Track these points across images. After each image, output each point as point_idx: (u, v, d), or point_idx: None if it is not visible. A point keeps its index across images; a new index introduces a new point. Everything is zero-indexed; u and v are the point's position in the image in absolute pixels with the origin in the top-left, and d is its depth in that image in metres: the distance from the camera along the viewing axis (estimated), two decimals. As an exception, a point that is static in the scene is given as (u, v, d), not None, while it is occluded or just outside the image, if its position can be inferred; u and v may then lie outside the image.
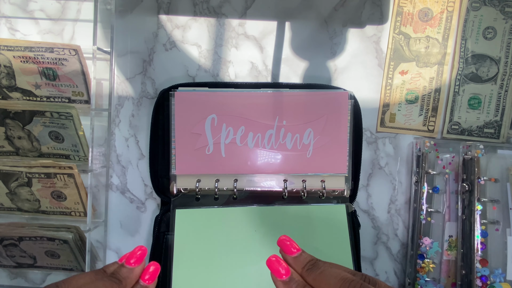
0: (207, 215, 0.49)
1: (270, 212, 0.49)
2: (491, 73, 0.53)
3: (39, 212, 0.52)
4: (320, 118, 0.50)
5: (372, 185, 0.55)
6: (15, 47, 0.47)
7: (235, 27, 0.54)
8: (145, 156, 0.55)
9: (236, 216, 0.49)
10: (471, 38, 0.53)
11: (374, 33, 0.54)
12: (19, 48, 0.47)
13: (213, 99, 0.50)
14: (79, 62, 0.48)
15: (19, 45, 0.47)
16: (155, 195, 0.55)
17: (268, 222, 0.49)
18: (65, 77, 0.50)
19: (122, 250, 0.56)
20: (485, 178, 0.50)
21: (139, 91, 0.55)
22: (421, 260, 0.52)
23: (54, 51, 0.47)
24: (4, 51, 0.48)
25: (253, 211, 0.49)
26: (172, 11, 0.54)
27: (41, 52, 0.47)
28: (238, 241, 0.47)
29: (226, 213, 0.49)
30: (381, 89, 0.55)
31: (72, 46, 0.47)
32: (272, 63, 0.55)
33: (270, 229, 0.48)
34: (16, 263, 0.54)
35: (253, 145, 0.50)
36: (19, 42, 0.47)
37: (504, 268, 0.49)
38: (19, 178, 0.50)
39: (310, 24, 0.54)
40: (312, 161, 0.50)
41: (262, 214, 0.49)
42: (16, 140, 0.50)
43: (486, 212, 0.49)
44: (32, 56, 0.48)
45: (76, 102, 0.51)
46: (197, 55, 0.55)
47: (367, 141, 0.55)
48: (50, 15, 0.54)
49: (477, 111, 0.54)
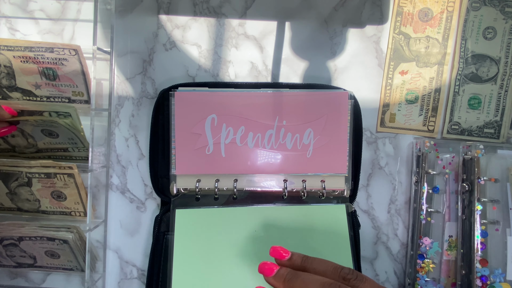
0: (207, 215, 0.49)
1: (270, 212, 0.49)
2: (491, 73, 0.53)
3: (39, 212, 0.52)
4: (320, 118, 0.50)
5: (372, 185, 0.55)
6: (15, 47, 0.47)
7: (235, 27, 0.54)
8: (145, 156, 0.55)
9: (236, 216, 0.49)
10: (471, 38, 0.53)
11: (374, 33, 0.54)
12: (19, 48, 0.47)
13: (213, 99, 0.50)
14: (79, 62, 0.48)
15: (19, 45, 0.47)
16: (155, 195, 0.55)
17: (268, 222, 0.49)
18: (65, 77, 0.50)
19: (122, 250, 0.56)
20: (485, 178, 0.50)
21: (139, 91, 0.55)
22: (421, 260, 0.52)
23: (54, 51, 0.47)
24: (4, 51, 0.48)
25: (253, 211, 0.49)
26: (172, 11, 0.54)
27: (41, 52, 0.47)
28: (238, 241, 0.47)
29: (226, 213, 0.49)
30: (381, 89, 0.55)
31: (72, 46, 0.47)
32: (272, 63, 0.55)
33: (270, 229, 0.48)
34: (16, 263, 0.54)
35: (253, 145, 0.50)
36: (19, 42, 0.47)
37: (504, 268, 0.49)
38: (19, 178, 0.50)
39: (310, 24, 0.54)
40: (312, 161, 0.50)
41: (262, 214, 0.49)
42: (10, 139, 0.50)
43: (486, 212, 0.49)
44: (32, 56, 0.48)
45: (76, 102, 0.51)
46: (197, 55, 0.55)
47: (367, 141, 0.55)
48: (50, 15, 0.54)
49: (477, 111, 0.54)
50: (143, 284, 0.56)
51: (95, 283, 0.55)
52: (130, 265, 0.56)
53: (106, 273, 0.56)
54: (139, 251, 0.56)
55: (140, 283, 0.56)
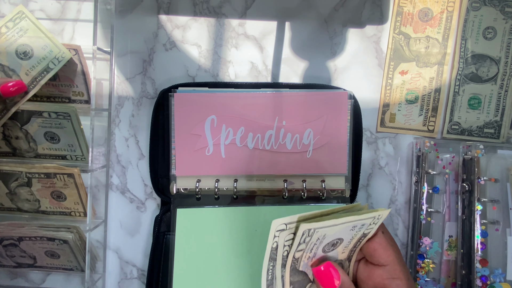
0: (208, 214, 0.49)
1: (270, 212, 0.49)
2: (491, 73, 0.53)
3: (39, 212, 0.52)
4: (320, 118, 0.50)
5: (372, 185, 0.56)
6: (15, 47, 0.47)
7: (235, 27, 0.54)
8: (145, 156, 0.55)
9: (237, 215, 0.49)
10: (471, 38, 0.53)
11: (374, 33, 0.54)
12: (19, 48, 0.47)
13: (213, 100, 0.50)
14: (79, 62, 0.48)
15: (19, 45, 0.47)
16: (155, 195, 0.55)
17: (268, 221, 0.48)
18: (65, 77, 0.50)
19: (122, 250, 0.56)
20: (485, 178, 0.50)
21: (139, 91, 0.55)
22: (421, 260, 0.52)
23: (54, 51, 0.47)
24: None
25: (253, 211, 0.49)
26: (172, 11, 0.54)
27: (41, 52, 0.47)
28: (239, 240, 0.47)
29: (227, 213, 0.49)
30: (381, 89, 0.55)
31: (72, 46, 0.47)
32: (272, 63, 0.55)
33: None
34: (16, 263, 0.54)
35: (253, 145, 0.50)
36: (19, 42, 0.47)
37: (504, 268, 0.49)
38: (19, 178, 0.50)
39: (310, 24, 0.54)
40: (312, 161, 0.50)
41: (262, 214, 0.49)
42: (14, 140, 0.50)
43: (486, 212, 0.49)
44: (32, 56, 0.48)
45: (76, 102, 0.51)
46: (197, 55, 0.55)
47: (367, 141, 0.55)
48: (50, 15, 0.54)
49: (477, 111, 0.54)
50: (143, 284, 0.56)
51: (95, 283, 0.55)
52: (130, 265, 0.56)
53: (106, 273, 0.56)
54: (139, 251, 0.56)
55: (140, 283, 0.56)
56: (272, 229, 0.23)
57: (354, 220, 0.24)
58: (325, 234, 0.25)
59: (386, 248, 0.28)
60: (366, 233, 0.27)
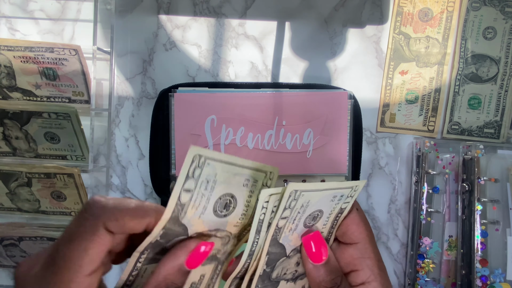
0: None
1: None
2: (491, 73, 0.53)
3: (39, 212, 0.52)
4: (320, 118, 0.50)
5: (372, 185, 0.55)
6: (15, 47, 0.47)
7: (235, 27, 0.54)
8: (145, 156, 0.55)
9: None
10: (471, 38, 0.53)
11: (374, 33, 0.54)
12: (19, 48, 0.47)
13: (213, 100, 0.50)
14: (79, 62, 0.48)
15: (19, 45, 0.47)
16: (155, 195, 0.55)
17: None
18: (65, 77, 0.50)
19: (122, 250, 0.56)
20: (485, 178, 0.50)
21: (139, 91, 0.55)
22: (421, 260, 0.52)
23: (54, 51, 0.47)
24: (4, 51, 0.48)
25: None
26: (172, 11, 0.54)
27: (41, 52, 0.47)
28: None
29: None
30: (381, 89, 0.55)
31: (72, 46, 0.47)
32: (272, 63, 0.55)
33: None
34: (16, 263, 0.54)
35: (253, 145, 0.50)
36: (19, 42, 0.47)
37: (504, 268, 0.49)
38: (19, 178, 0.50)
39: (310, 24, 0.54)
40: (312, 161, 0.50)
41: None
42: (14, 141, 0.50)
43: (486, 212, 0.49)
44: (32, 56, 0.48)
45: (76, 102, 0.51)
46: (197, 55, 0.55)
47: (367, 141, 0.55)
48: (50, 15, 0.54)
49: (477, 111, 0.54)
50: None
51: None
52: (130, 265, 0.56)
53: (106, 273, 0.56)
54: (139, 251, 0.56)
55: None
56: (260, 200, 0.23)
57: (335, 187, 0.25)
58: (309, 200, 0.25)
59: (359, 224, 0.28)
60: (343, 209, 0.27)
